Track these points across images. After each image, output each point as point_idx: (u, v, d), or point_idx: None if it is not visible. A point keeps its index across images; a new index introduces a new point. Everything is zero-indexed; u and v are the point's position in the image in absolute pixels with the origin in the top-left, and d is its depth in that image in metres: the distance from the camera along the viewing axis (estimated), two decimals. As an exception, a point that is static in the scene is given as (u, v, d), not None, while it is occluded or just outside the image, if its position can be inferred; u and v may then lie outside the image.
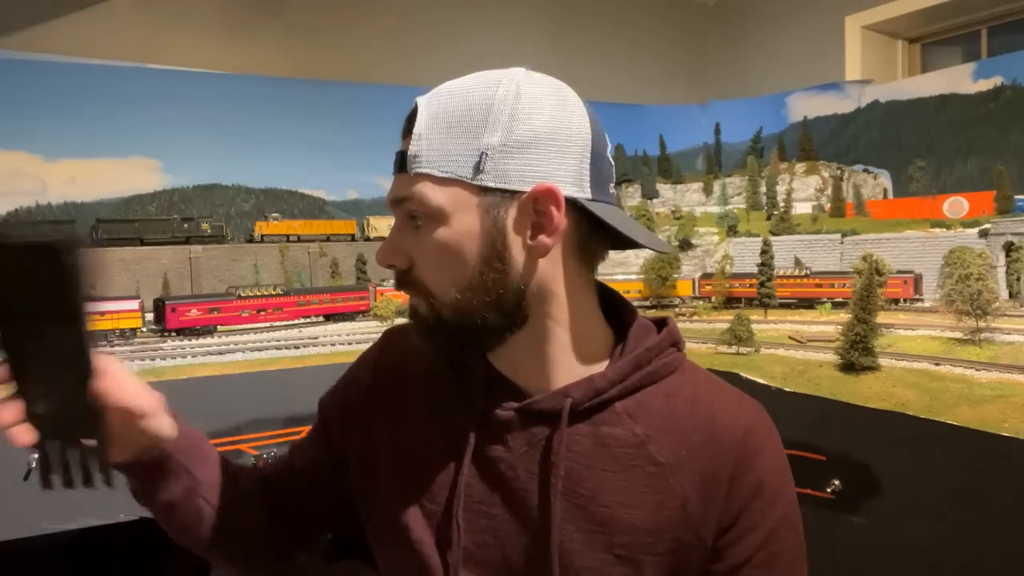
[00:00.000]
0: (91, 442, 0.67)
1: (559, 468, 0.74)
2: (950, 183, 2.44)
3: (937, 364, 2.21)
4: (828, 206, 2.85)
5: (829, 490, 2.23)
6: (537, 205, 0.72)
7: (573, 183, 0.73)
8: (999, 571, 1.90)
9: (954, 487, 1.98)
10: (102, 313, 2.23)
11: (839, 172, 2.83)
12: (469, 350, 0.79)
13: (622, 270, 3.06)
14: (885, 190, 2.71)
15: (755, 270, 2.75)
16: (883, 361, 2.30)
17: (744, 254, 2.91)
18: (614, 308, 0.84)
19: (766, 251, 2.71)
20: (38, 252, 0.59)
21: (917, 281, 2.47)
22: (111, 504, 1.96)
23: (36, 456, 0.69)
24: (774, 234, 2.84)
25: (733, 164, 3.06)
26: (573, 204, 0.73)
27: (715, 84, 3.59)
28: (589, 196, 0.74)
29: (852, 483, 2.19)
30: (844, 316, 2.41)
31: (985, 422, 1.97)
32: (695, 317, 2.88)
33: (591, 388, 0.76)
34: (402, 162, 0.74)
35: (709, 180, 3.10)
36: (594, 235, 0.77)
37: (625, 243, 0.79)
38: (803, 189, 2.90)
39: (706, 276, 2.95)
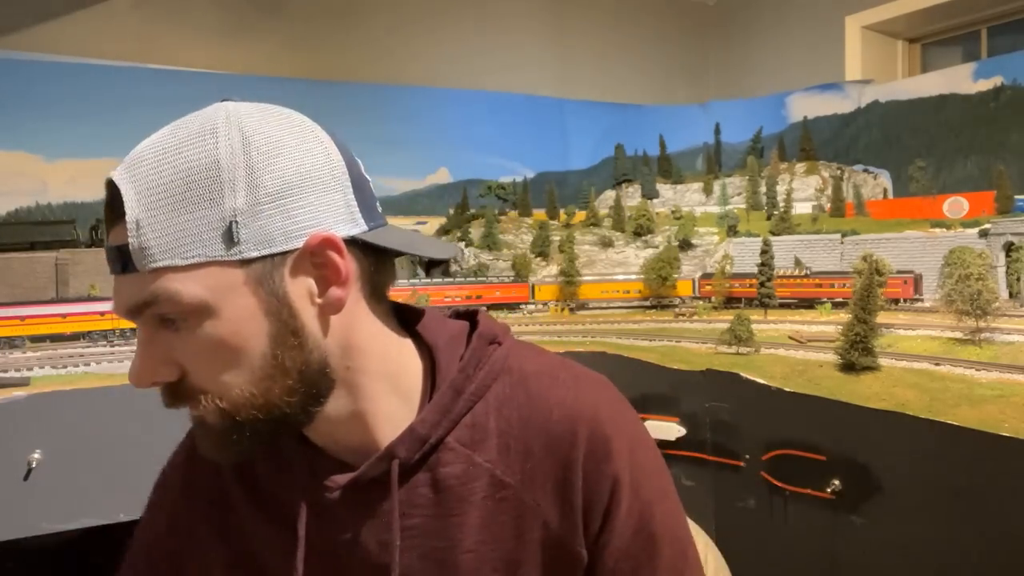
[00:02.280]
0: None
1: (394, 539, 0.68)
2: (950, 183, 2.44)
3: (937, 364, 2.21)
4: (828, 206, 2.85)
5: (829, 490, 2.23)
6: (315, 258, 0.62)
7: (346, 220, 0.64)
8: (999, 571, 1.90)
9: (954, 487, 1.98)
10: (102, 313, 2.23)
11: (839, 172, 2.83)
12: (279, 439, 0.69)
13: (622, 270, 3.06)
14: (885, 190, 2.71)
15: (755, 270, 2.75)
16: (883, 361, 2.30)
17: (744, 254, 2.91)
18: (409, 320, 0.75)
19: (766, 251, 2.71)
20: None
21: (917, 281, 2.47)
22: (111, 504, 1.96)
23: (36, 456, 0.68)
24: (774, 234, 2.84)
25: (733, 164, 3.06)
26: (353, 242, 0.64)
27: (715, 84, 3.59)
28: (366, 228, 0.65)
29: (852, 483, 2.19)
30: (844, 316, 2.41)
31: (985, 422, 1.97)
32: (695, 317, 2.88)
33: (415, 439, 0.68)
34: (123, 260, 0.59)
35: (709, 180, 3.10)
36: (380, 266, 0.68)
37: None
38: (803, 189, 2.90)
39: (706, 276, 2.95)
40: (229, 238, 0.59)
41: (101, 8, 2.40)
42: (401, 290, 2.65)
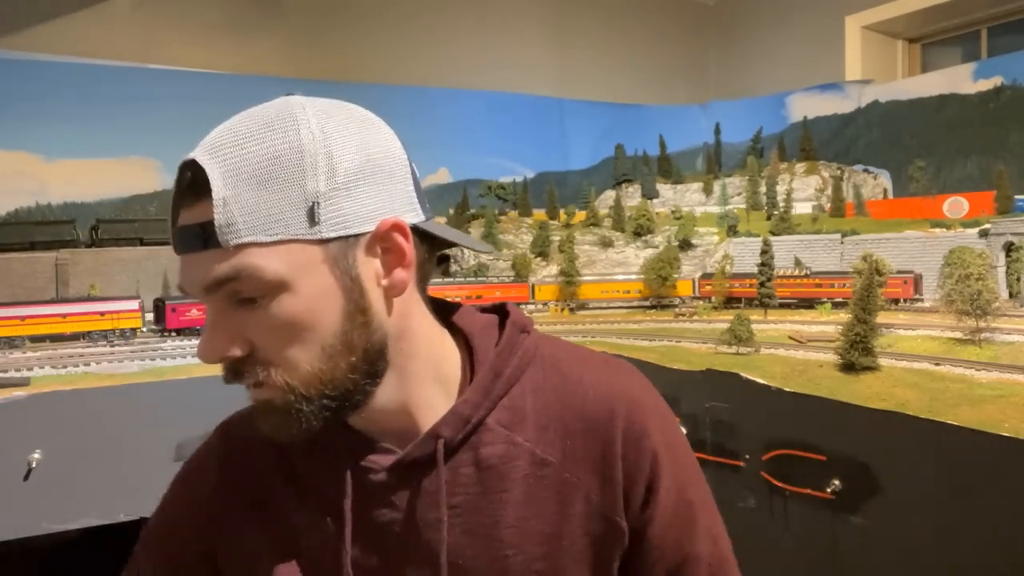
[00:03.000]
0: None
1: (442, 516, 0.70)
2: (950, 183, 2.44)
3: (937, 364, 2.21)
4: (828, 206, 2.85)
5: (829, 490, 2.23)
6: (384, 242, 0.66)
7: (408, 208, 0.68)
8: (999, 571, 1.90)
9: (954, 487, 1.98)
10: (102, 313, 2.23)
11: (839, 172, 2.83)
12: (336, 420, 0.70)
13: (622, 270, 3.06)
14: (885, 190, 2.71)
15: (755, 270, 2.75)
16: (883, 361, 2.30)
17: (744, 254, 2.91)
18: (445, 313, 0.79)
19: (766, 251, 2.71)
20: None
21: (917, 281, 2.47)
22: (111, 504, 1.96)
23: (36, 456, 0.67)
24: (774, 234, 2.84)
25: (733, 164, 3.06)
26: (412, 230, 0.68)
27: (715, 84, 3.59)
28: (423, 217, 0.70)
29: (852, 483, 2.19)
30: (844, 316, 2.41)
31: (985, 422, 1.97)
32: (695, 317, 2.88)
33: (458, 419, 0.71)
34: (204, 237, 0.61)
35: (709, 180, 3.10)
36: (429, 255, 0.73)
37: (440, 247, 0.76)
38: (803, 189, 2.90)
39: (706, 276, 2.95)
40: (311, 218, 0.62)
41: (101, 8, 2.40)
42: (401, 290, 2.64)
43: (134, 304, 2.28)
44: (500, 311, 0.81)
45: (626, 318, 2.96)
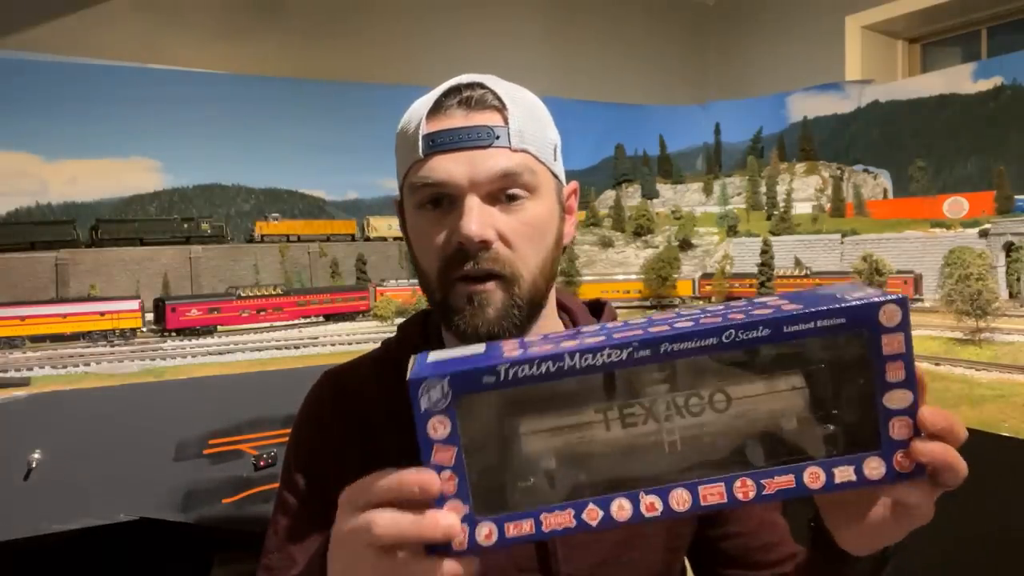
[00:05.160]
0: None
1: None
2: (950, 183, 2.44)
3: (937, 364, 2.21)
4: (828, 206, 2.85)
5: (829, 490, 2.23)
6: (568, 199, 0.84)
7: None
8: (999, 571, 1.90)
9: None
10: (102, 313, 2.23)
11: (839, 172, 2.83)
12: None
13: (622, 270, 3.06)
14: (885, 190, 2.71)
15: (755, 270, 2.75)
16: (883, 361, 2.29)
17: (744, 254, 2.91)
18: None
19: (766, 251, 2.71)
20: None
21: (917, 281, 2.47)
22: (111, 504, 1.96)
23: (36, 456, 0.67)
24: (774, 234, 2.84)
25: (733, 164, 3.06)
26: None
27: (715, 84, 3.59)
28: None
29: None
30: (844, 316, 2.41)
31: (985, 422, 1.97)
32: (695, 317, 2.87)
33: None
34: (495, 136, 0.75)
35: (709, 180, 3.10)
36: None
37: None
38: (803, 189, 2.90)
39: (706, 276, 2.95)
40: (553, 155, 0.81)
41: (101, 8, 2.40)
42: (401, 290, 2.65)
43: (134, 304, 2.28)
44: (596, 304, 0.94)
45: (626, 318, 2.96)
